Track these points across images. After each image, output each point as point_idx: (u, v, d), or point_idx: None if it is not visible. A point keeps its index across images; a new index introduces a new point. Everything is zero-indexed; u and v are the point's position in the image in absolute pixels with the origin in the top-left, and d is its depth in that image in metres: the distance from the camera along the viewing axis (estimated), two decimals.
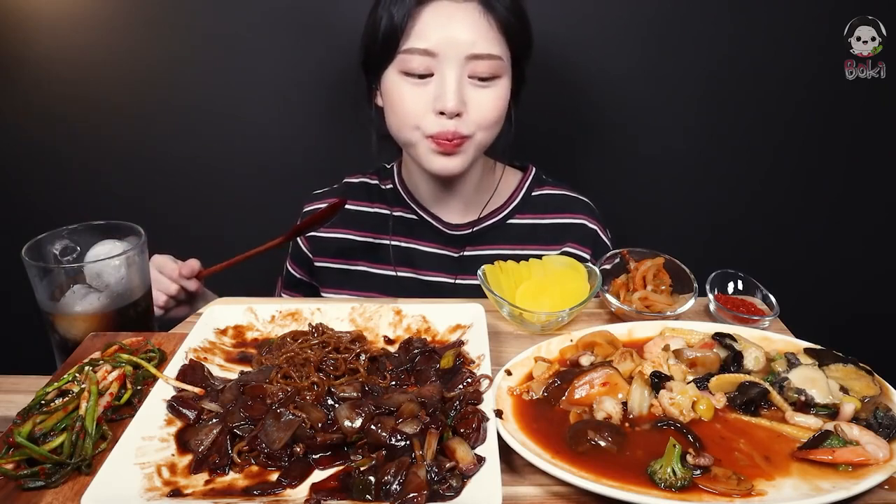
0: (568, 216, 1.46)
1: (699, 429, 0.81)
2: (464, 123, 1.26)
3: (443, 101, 1.23)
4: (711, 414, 0.83)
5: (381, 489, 0.72)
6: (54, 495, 0.73)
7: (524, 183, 1.48)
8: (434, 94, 1.24)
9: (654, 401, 0.85)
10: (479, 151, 1.34)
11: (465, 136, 1.27)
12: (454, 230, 1.44)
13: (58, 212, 1.34)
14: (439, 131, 1.25)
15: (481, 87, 1.26)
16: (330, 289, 1.50)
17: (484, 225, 1.44)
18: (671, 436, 0.78)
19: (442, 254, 1.44)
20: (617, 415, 0.83)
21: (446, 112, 1.23)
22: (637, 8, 1.69)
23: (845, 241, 1.91)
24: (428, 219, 1.45)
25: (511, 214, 1.45)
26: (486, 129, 1.29)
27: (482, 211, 1.44)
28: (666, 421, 0.82)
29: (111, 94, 1.75)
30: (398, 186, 1.48)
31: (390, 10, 1.24)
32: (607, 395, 0.85)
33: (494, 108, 1.28)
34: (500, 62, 1.25)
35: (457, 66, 1.23)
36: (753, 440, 0.79)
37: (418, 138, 1.29)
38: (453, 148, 1.27)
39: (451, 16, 1.22)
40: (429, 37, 1.22)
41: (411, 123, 1.28)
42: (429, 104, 1.25)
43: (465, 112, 1.25)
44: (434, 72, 1.24)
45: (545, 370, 0.91)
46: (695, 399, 0.84)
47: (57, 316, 1.07)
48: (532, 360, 0.95)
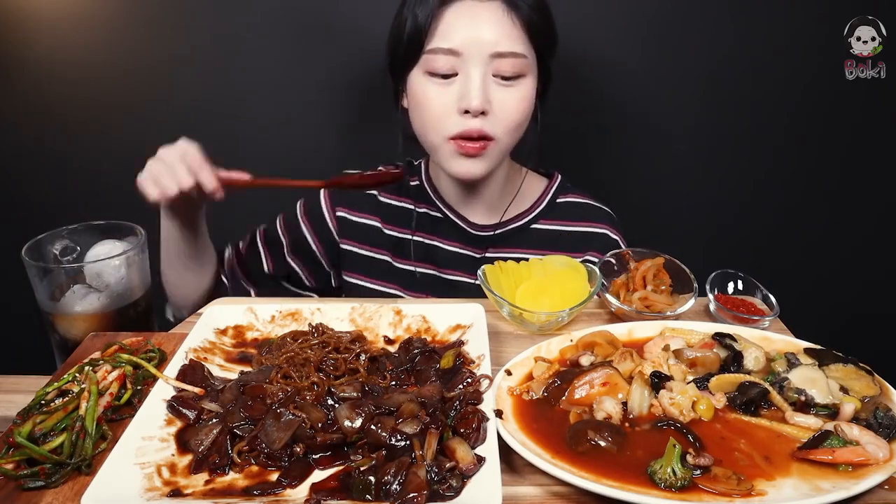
0: (591, 225, 1.46)
1: (699, 429, 0.81)
2: (489, 123, 1.25)
3: (467, 100, 1.22)
4: (711, 414, 0.83)
5: (381, 489, 0.72)
6: (54, 495, 0.73)
7: (549, 189, 1.48)
8: (459, 93, 1.24)
9: (654, 401, 0.85)
10: (502, 156, 1.34)
11: (489, 136, 1.26)
12: (478, 230, 1.44)
13: (58, 212, 1.34)
14: (463, 130, 1.25)
15: (506, 86, 1.25)
16: (353, 273, 1.48)
17: (508, 228, 1.44)
18: (671, 436, 0.78)
19: (464, 253, 1.44)
20: (617, 415, 0.83)
21: (471, 110, 1.23)
22: (636, 8, 1.69)
23: (845, 241, 1.91)
24: (453, 218, 1.44)
25: (535, 220, 1.45)
26: (511, 130, 1.29)
27: (505, 213, 1.44)
28: (666, 421, 0.82)
29: (111, 94, 1.75)
30: (425, 184, 1.47)
31: (414, 11, 1.24)
32: (607, 395, 0.85)
33: (519, 108, 1.27)
34: (525, 60, 1.25)
35: (481, 65, 1.23)
36: (753, 440, 0.79)
37: (441, 141, 1.29)
38: (477, 150, 1.27)
39: (474, 15, 1.23)
40: (453, 36, 1.23)
41: (436, 124, 1.28)
42: (454, 104, 1.25)
43: (490, 111, 1.25)
44: (459, 71, 1.24)
45: (545, 370, 0.91)
46: (695, 399, 0.84)
47: (57, 316, 1.07)
48: (532, 360, 0.95)
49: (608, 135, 1.82)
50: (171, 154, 1.12)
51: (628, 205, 1.71)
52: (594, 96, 1.77)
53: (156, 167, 1.12)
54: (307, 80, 1.75)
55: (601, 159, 1.84)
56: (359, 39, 1.65)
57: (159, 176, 1.11)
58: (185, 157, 1.11)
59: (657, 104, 1.78)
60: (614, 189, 1.82)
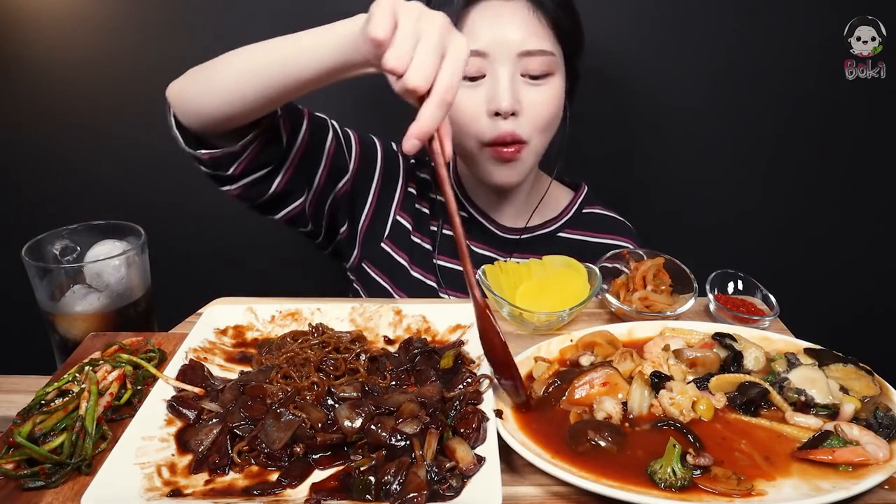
0: (615, 238, 1.46)
1: (699, 429, 0.81)
2: (519, 125, 1.24)
3: (497, 101, 1.21)
4: (711, 414, 0.83)
5: (381, 489, 0.72)
6: (54, 495, 0.73)
7: (577, 199, 1.48)
8: (487, 95, 1.23)
9: (654, 401, 0.85)
10: (536, 158, 1.33)
11: (522, 140, 1.25)
12: (506, 233, 1.43)
13: (58, 212, 1.34)
14: (497, 135, 1.23)
15: (535, 84, 1.24)
16: (396, 248, 1.41)
17: (534, 234, 1.44)
18: (671, 436, 0.78)
19: (489, 256, 1.44)
20: (617, 415, 0.83)
21: (501, 111, 1.21)
22: (635, 8, 1.69)
23: (845, 241, 1.91)
24: (480, 219, 1.44)
25: (562, 228, 1.45)
26: (542, 130, 1.27)
27: (532, 219, 1.44)
28: (666, 421, 0.82)
29: (111, 94, 1.75)
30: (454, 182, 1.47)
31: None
32: (607, 395, 0.85)
33: (549, 107, 1.26)
34: (553, 58, 1.24)
35: (509, 65, 1.21)
36: (753, 440, 0.79)
37: (476, 149, 1.28)
38: (512, 155, 1.25)
39: (499, 14, 1.21)
40: (478, 37, 1.21)
41: (468, 130, 1.26)
42: (483, 106, 1.23)
43: (520, 112, 1.23)
44: (486, 73, 1.23)
45: (545, 370, 0.91)
46: (695, 399, 0.84)
47: (57, 316, 1.07)
48: (532, 360, 0.95)
49: (608, 135, 1.81)
50: (433, 40, 0.80)
51: (628, 205, 1.71)
52: (592, 96, 1.77)
53: (408, 44, 0.80)
54: None
55: (601, 159, 1.84)
56: None
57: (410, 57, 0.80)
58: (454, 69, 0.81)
59: (656, 104, 1.78)
60: (614, 189, 1.82)
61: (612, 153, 1.84)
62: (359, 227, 1.41)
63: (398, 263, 1.42)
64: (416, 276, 1.42)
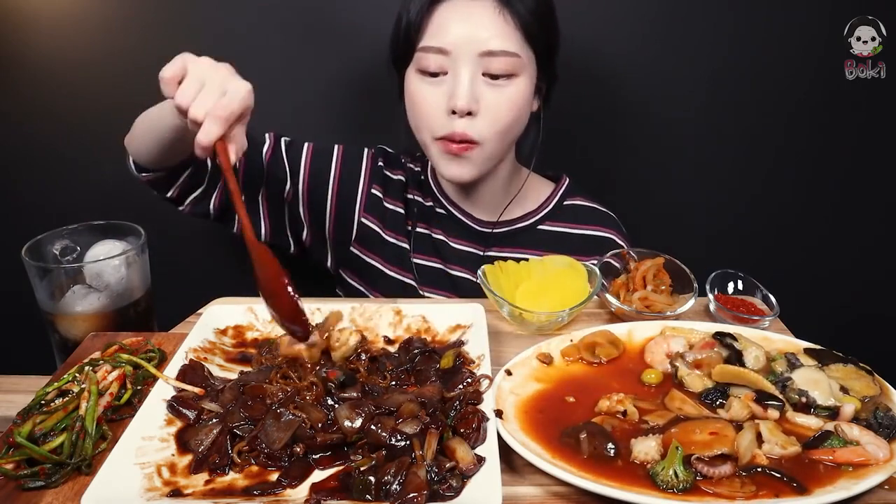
0: (597, 229, 1.46)
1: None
2: (474, 125, 1.24)
3: (454, 99, 1.21)
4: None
5: (381, 489, 0.72)
6: (54, 495, 0.73)
7: (557, 192, 1.48)
8: (448, 92, 1.23)
9: (757, 451, 0.77)
10: (492, 161, 1.32)
11: (473, 140, 1.25)
12: (482, 227, 1.43)
13: (58, 212, 1.34)
14: (448, 133, 1.24)
15: (497, 85, 1.23)
16: (366, 251, 1.44)
17: (513, 227, 1.44)
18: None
19: (467, 250, 1.44)
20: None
21: (457, 110, 1.22)
22: (634, 8, 1.69)
23: (845, 241, 1.91)
24: (455, 213, 1.44)
25: (542, 221, 1.45)
26: (500, 133, 1.26)
27: (509, 212, 1.44)
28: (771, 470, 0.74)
29: (111, 94, 1.74)
30: (429, 178, 1.47)
31: (409, 8, 1.24)
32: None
33: (509, 109, 1.25)
34: (517, 59, 1.23)
35: (470, 64, 1.21)
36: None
37: (429, 142, 1.29)
38: (459, 151, 1.25)
39: (466, 13, 1.21)
40: (443, 35, 1.22)
41: (426, 124, 1.27)
42: (443, 103, 1.24)
43: (477, 112, 1.23)
44: (448, 70, 1.23)
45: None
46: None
47: (57, 316, 1.07)
48: (532, 359, 0.95)
49: (607, 134, 1.81)
50: (214, 83, 0.95)
51: (628, 205, 1.71)
52: (592, 96, 1.77)
53: (193, 87, 0.95)
54: (308, 79, 1.75)
55: (600, 159, 1.84)
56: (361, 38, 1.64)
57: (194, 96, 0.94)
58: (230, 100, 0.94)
59: (656, 104, 1.78)
60: (614, 189, 1.82)
61: (612, 153, 1.84)
62: (326, 233, 1.44)
63: (370, 265, 1.44)
64: (393, 276, 1.43)
